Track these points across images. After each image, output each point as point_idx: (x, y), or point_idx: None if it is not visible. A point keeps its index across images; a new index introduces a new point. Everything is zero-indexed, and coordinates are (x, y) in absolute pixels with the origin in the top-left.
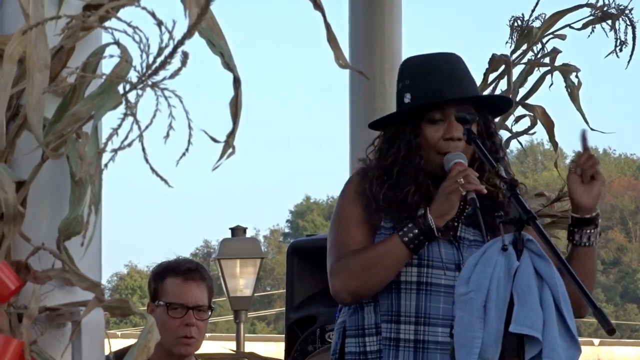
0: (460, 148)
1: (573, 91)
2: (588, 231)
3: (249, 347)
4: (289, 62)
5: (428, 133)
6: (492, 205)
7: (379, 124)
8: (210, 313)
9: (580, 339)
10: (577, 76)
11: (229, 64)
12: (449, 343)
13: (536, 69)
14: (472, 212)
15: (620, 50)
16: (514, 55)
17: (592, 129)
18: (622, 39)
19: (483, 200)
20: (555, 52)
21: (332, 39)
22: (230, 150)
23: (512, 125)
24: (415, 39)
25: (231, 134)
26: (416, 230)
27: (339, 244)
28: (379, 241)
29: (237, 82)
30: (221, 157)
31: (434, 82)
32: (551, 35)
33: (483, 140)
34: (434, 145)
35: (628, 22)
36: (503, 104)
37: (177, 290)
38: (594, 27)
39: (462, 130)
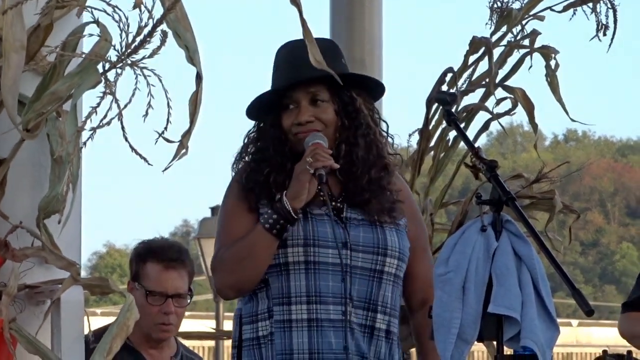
0: (313, 128)
1: (553, 81)
2: None
3: (229, 325)
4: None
5: (283, 120)
6: (360, 183)
7: (251, 112)
8: (190, 298)
9: (558, 320)
10: (554, 58)
11: (192, 59)
12: (341, 320)
13: (515, 50)
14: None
15: (604, 34)
16: (494, 37)
17: (572, 120)
18: (604, 22)
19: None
20: (534, 33)
21: (307, 35)
22: (184, 151)
23: (493, 108)
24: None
25: (187, 134)
26: (275, 216)
27: (220, 238)
28: (246, 233)
29: (199, 78)
30: (174, 158)
31: (283, 69)
32: (530, 16)
33: (342, 119)
34: (289, 131)
35: (609, 5)
36: (363, 82)
37: (157, 277)
38: (575, 10)
39: (310, 114)
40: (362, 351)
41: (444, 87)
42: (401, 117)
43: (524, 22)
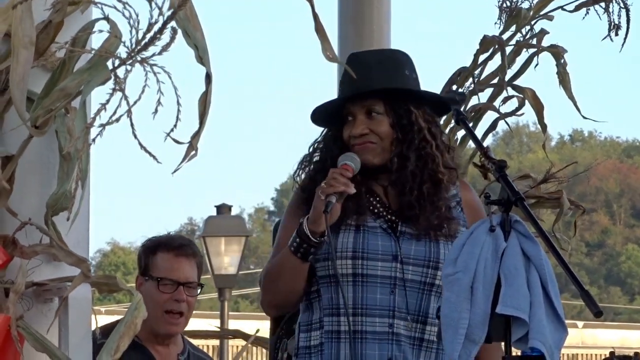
0: (370, 140)
1: (564, 78)
2: None
3: (233, 325)
4: (277, 45)
5: (343, 132)
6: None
7: (317, 118)
8: (199, 290)
9: (565, 321)
10: (566, 72)
11: (202, 58)
12: (387, 332)
13: (524, 50)
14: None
15: (616, 34)
16: (504, 37)
17: (584, 117)
18: (616, 21)
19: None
20: (542, 33)
21: (320, 29)
22: (193, 152)
23: (499, 107)
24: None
25: (196, 135)
26: (298, 239)
27: (276, 245)
28: (279, 254)
29: (208, 78)
30: (183, 159)
31: (345, 82)
32: (540, 16)
33: (396, 133)
34: (348, 143)
35: (622, 5)
36: (411, 91)
37: (169, 265)
38: (588, 10)
39: (364, 127)
40: None
41: (453, 87)
42: None
43: (533, 21)
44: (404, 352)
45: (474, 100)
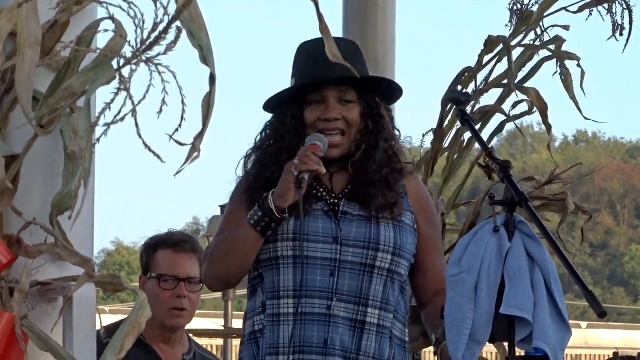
0: (338, 126)
1: (567, 79)
2: None
3: (237, 324)
4: (280, 44)
5: (307, 114)
6: (367, 180)
7: (269, 106)
8: (201, 286)
9: (569, 321)
10: (579, 65)
11: (206, 59)
12: (325, 315)
13: (536, 53)
14: (351, 188)
15: (621, 34)
16: (515, 40)
17: (585, 118)
18: (619, 22)
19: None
20: (559, 40)
21: (324, 29)
22: (196, 154)
23: (509, 111)
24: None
25: (199, 137)
26: (260, 213)
27: (219, 231)
28: (236, 227)
29: (212, 78)
30: (186, 161)
31: (313, 66)
32: (554, 25)
33: (366, 121)
34: (312, 125)
35: (625, 6)
36: (389, 87)
37: (169, 262)
38: (592, 11)
39: (338, 112)
40: (345, 346)
41: (458, 87)
42: (415, 117)
43: (544, 25)
44: (341, 335)
45: (483, 102)
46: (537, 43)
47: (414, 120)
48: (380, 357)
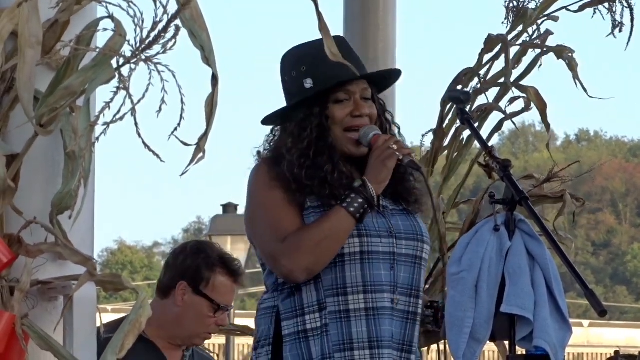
0: (366, 122)
1: (571, 63)
2: None
3: (238, 322)
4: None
5: (336, 112)
6: (400, 175)
7: (279, 114)
8: None
9: (570, 320)
10: (572, 57)
11: (208, 59)
12: (391, 308)
13: (530, 50)
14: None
15: (620, 31)
16: (510, 37)
17: (590, 96)
18: (620, 21)
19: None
20: (547, 33)
21: (323, 28)
22: (201, 155)
23: (505, 107)
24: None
25: (203, 137)
26: (360, 200)
27: (273, 228)
28: (322, 216)
29: (215, 79)
30: (191, 162)
31: (333, 64)
32: (545, 17)
33: (380, 117)
34: (341, 122)
35: (625, 4)
36: (392, 77)
37: (226, 291)
38: (594, 10)
39: (366, 107)
40: (400, 338)
41: (458, 87)
42: (415, 116)
43: (539, 21)
44: (403, 328)
45: (480, 100)
46: (532, 39)
47: (414, 119)
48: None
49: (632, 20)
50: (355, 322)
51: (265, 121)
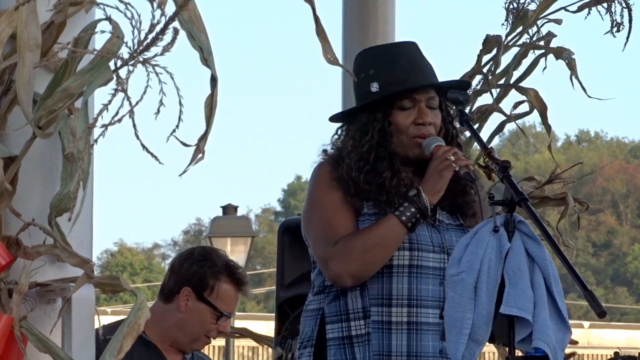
0: (431, 131)
1: (570, 62)
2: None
3: (239, 325)
4: (283, 43)
5: (399, 119)
6: (462, 188)
7: (347, 113)
8: None
9: (570, 321)
10: (572, 57)
11: (207, 60)
12: (439, 324)
13: (531, 51)
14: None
15: (618, 30)
16: (510, 38)
17: (589, 96)
18: (618, 21)
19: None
20: (550, 35)
21: (320, 32)
22: (200, 155)
23: (511, 112)
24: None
25: (203, 138)
26: (413, 209)
27: (327, 230)
28: (374, 223)
29: (214, 80)
30: (190, 162)
31: (401, 70)
32: (547, 19)
33: (446, 126)
34: (406, 130)
35: (624, 5)
36: (462, 88)
37: (230, 300)
38: (590, 10)
39: (431, 115)
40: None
41: None
42: None
43: (539, 22)
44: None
45: (480, 101)
46: (533, 40)
47: None
48: None
49: (630, 21)
50: (396, 335)
51: (332, 119)
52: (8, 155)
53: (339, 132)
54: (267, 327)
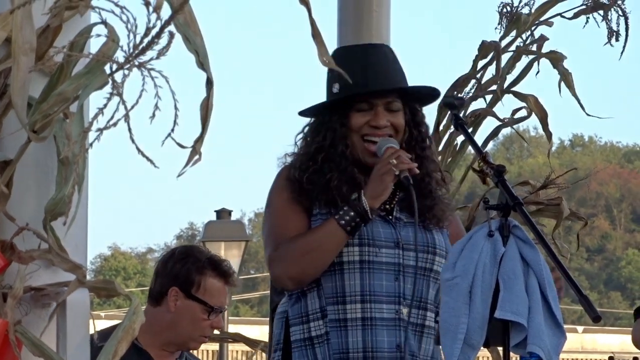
0: (385, 135)
1: (567, 78)
2: None
3: (233, 330)
4: (277, 46)
5: (354, 120)
6: (422, 191)
7: (309, 112)
8: None
9: (564, 326)
10: (568, 71)
11: (203, 63)
12: (395, 319)
13: (524, 55)
14: (403, 196)
15: (617, 39)
16: (503, 42)
17: (587, 115)
18: (615, 29)
19: (416, 184)
20: (542, 39)
21: (316, 34)
22: (197, 157)
23: (510, 117)
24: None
25: (199, 140)
26: (352, 213)
27: (275, 233)
28: (316, 226)
29: (209, 83)
30: (187, 164)
31: (362, 73)
32: (538, 21)
33: (410, 129)
34: (359, 130)
35: (620, 13)
36: (430, 94)
37: (218, 293)
38: (588, 17)
39: (386, 119)
40: (412, 350)
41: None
42: None
43: (532, 27)
44: (408, 339)
45: (474, 106)
46: (526, 44)
47: None
48: (432, 359)
49: (626, 28)
50: (352, 332)
51: (301, 114)
52: (3, 159)
53: (305, 130)
54: (261, 331)
